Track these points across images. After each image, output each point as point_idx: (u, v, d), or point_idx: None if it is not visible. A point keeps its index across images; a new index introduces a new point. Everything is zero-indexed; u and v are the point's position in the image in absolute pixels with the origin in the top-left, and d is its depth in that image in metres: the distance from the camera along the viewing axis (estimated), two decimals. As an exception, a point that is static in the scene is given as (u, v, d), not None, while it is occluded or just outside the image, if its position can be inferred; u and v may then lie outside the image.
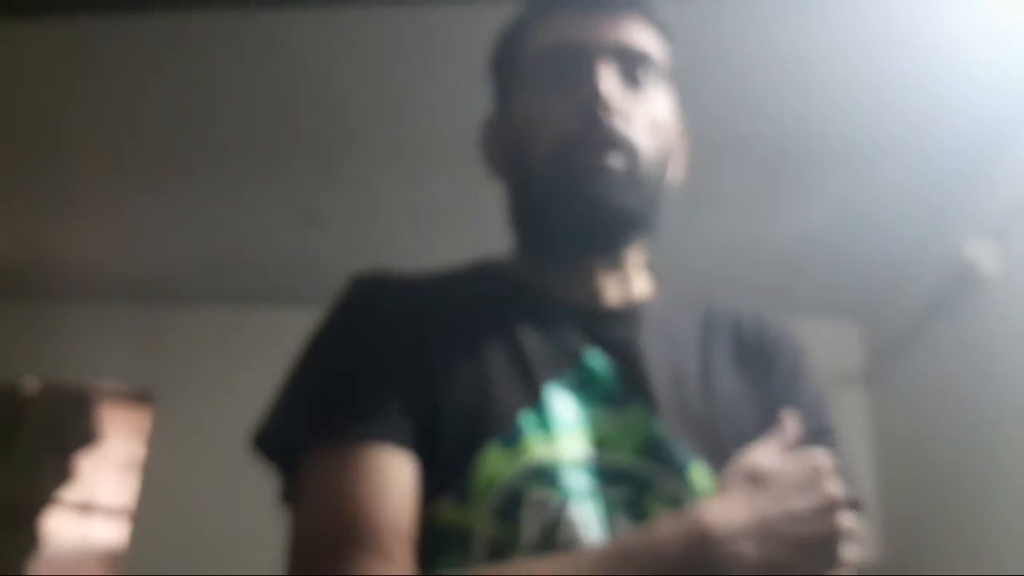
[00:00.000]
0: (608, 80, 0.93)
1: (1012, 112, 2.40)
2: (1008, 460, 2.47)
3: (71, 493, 3.87)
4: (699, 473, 0.86)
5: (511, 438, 0.84)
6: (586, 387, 0.90)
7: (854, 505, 0.82)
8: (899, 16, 2.12)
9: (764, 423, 0.92)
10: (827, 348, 3.24)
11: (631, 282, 1.01)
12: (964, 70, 2.27)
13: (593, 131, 0.91)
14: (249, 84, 2.53)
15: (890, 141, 2.57)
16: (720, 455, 0.88)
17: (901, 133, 2.53)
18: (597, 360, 0.92)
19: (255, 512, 0.94)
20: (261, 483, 0.93)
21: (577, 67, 0.94)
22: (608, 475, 0.85)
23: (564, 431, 0.86)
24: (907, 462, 3.19)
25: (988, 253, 2.57)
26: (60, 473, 3.84)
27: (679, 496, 0.85)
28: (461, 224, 2.37)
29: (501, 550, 0.80)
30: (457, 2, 1.75)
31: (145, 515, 3.53)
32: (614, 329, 0.95)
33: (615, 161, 0.91)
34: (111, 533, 3.82)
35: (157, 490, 3.54)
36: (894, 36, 2.19)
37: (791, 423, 0.89)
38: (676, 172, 1.02)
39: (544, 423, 0.86)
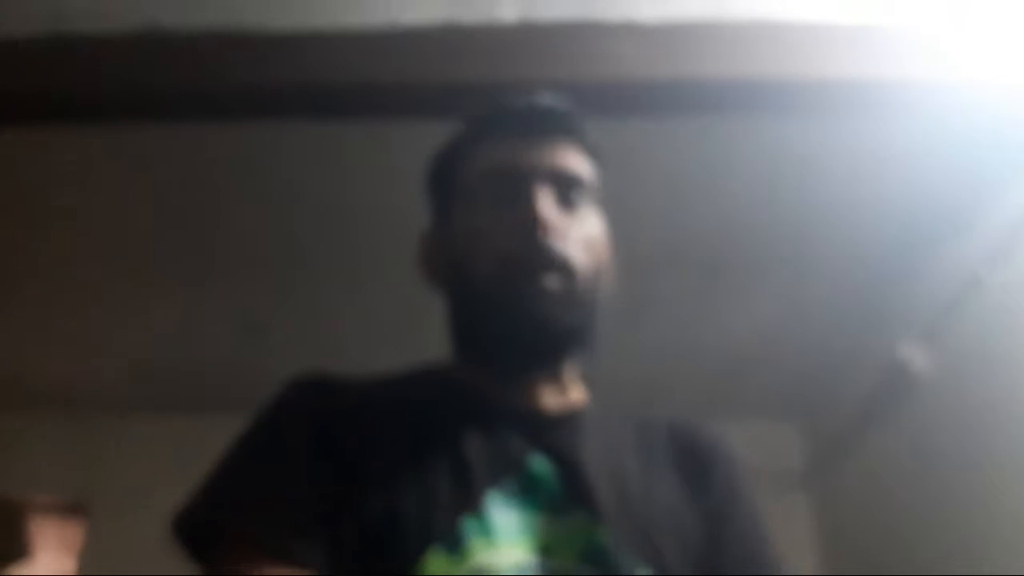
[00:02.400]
0: (545, 202, 0.97)
1: (938, 215, 2.49)
2: (950, 554, 2.48)
3: (-3, 613, 3.71)
4: None
5: (453, 545, 0.84)
6: (529, 493, 0.90)
7: None
8: (829, 126, 2.20)
9: (704, 533, 0.94)
10: (766, 451, 3.30)
11: (568, 392, 1.03)
12: (890, 176, 2.36)
13: (532, 250, 0.95)
14: (191, 192, 2.52)
15: (823, 245, 2.64)
16: (661, 563, 0.89)
17: (833, 237, 2.61)
18: (541, 466, 0.93)
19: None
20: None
21: (516, 189, 0.98)
22: None
23: (507, 538, 0.86)
24: (848, 563, 3.19)
25: (920, 354, 2.63)
26: (-15, 591, 3.68)
27: None
28: (406, 332, 2.38)
29: None
30: (403, 119, 1.80)
31: (74, 635, 3.39)
32: (555, 435, 0.97)
33: (552, 282, 0.95)
34: (38, 655, 3.66)
35: (88, 608, 3.41)
36: (822, 146, 2.28)
37: None
38: (607, 286, 1.06)
39: (486, 529, 0.86)
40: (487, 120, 1.05)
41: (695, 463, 1.01)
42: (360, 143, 2.27)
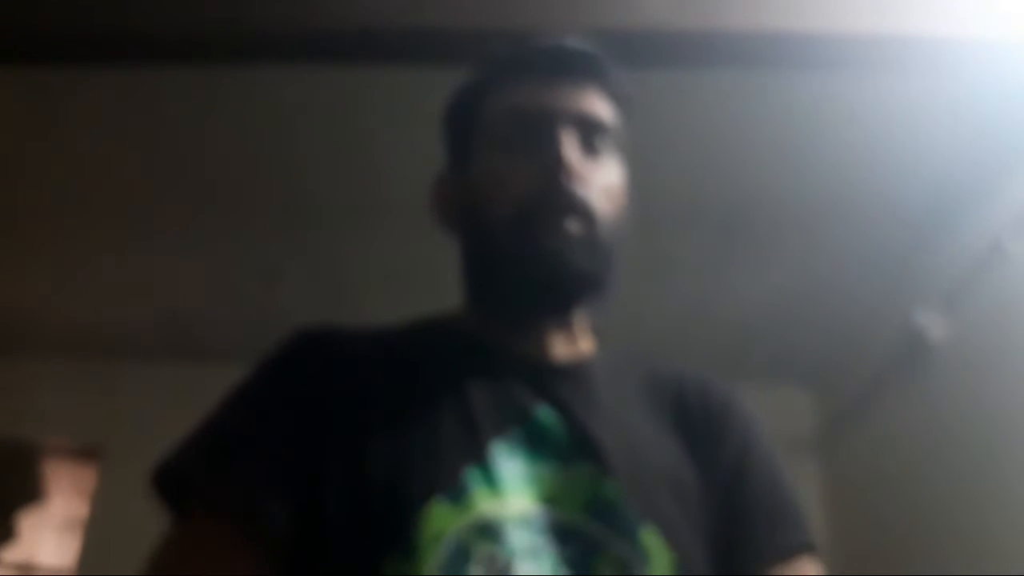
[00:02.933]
0: (569, 146, 0.95)
1: (962, 182, 2.46)
2: (960, 526, 2.49)
3: (11, 553, 3.77)
4: (650, 539, 0.86)
5: (457, 494, 0.84)
6: (535, 443, 0.90)
7: None
8: (851, 88, 2.18)
9: (714, 488, 0.93)
10: (779, 414, 3.28)
11: (577, 342, 1.02)
12: (912, 140, 2.33)
13: (554, 195, 0.93)
14: (211, 140, 2.53)
15: (842, 209, 2.62)
16: (668, 518, 0.88)
17: (853, 201, 2.59)
18: (548, 416, 0.92)
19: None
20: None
21: (540, 132, 0.96)
22: (556, 533, 0.85)
23: (511, 488, 0.86)
24: (858, 528, 3.20)
25: (936, 321, 2.61)
26: (1, 532, 3.74)
27: (629, 561, 0.84)
28: (421, 280, 2.38)
29: None
30: (419, 64, 1.77)
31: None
32: (564, 385, 0.96)
33: (573, 225, 0.93)
34: (52, 595, 3.73)
35: (99, 550, 3.45)
36: (844, 106, 2.25)
37: None
38: (623, 236, 1.03)
39: (491, 479, 0.85)
40: (513, 59, 1.02)
41: (707, 418, 0.99)
42: (381, 88, 2.26)
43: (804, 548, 0.97)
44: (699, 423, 0.99)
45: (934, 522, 2.64)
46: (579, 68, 1.00)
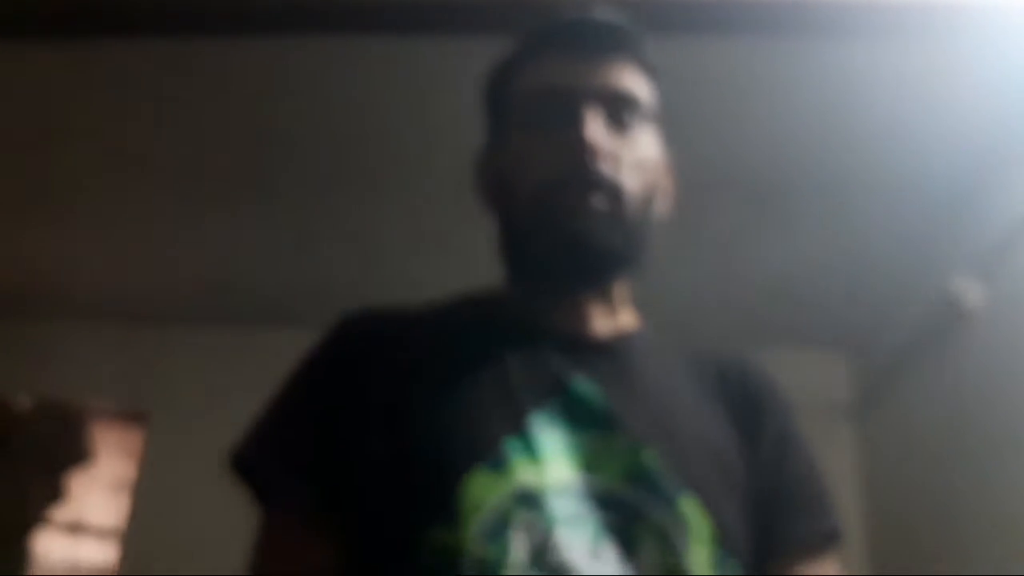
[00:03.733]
0: (594, 125, 0.96)
1: (998, 148, 2.44)
2: (994, 494, 2.49)
3: (61, 513, 3.85)
4: (690, 507, 0.87)
5: (497, 464, 0.86)
6: (574, 413, 0.91)
7: None
8: (884, 55, 2.16)
9: (751, 474, 0.95)
10: (814, 379, 3.30)
11: (618, 315, 1.04)
12: (950, 105, 2.31)
13: (578, 174, 0.95)
14: (247, 110, 2.56)
15: (877, 176, 2.60)
16: (705, 491, 0.89)
17: (888, 168, 2.57)
18: (586, 387, 0.93)
19: (246, 536, 0.97)
20: (252, 508, 0.97)
21: (564, 111, 0.97)
22: (597, 500, 0.86)
23: (550, 457, 0.87)
24: (893, 494, 3.21)
25: (974, 289, 2.60)
26: (50, 492, 3.81)
27: (669, 529, 0.86)
28: (457, 251, 2.40)
29: (490, 572, 0.81)
30: (454, 33, 1.78)
31: (135, 536, 3.52)
32: (603, 358, 0.97)
33: (598, 202, 0.94)
34: (101, 554, 3.79)
35: (148, 511, 3.53)
36: (880, 72, 2.23)
37: None
38: (663, 208, 1.05)
39: (530, 449, 0.87)
40: (540, 36, 1.03)
41: (745, 402, 1.00)
42: (417, 59, 2.27)
43: (834, 538, 0.99)
44: (739, 405, 1.00)
45: (968, 490, 2.63)
46: (607, 42, 1.00)
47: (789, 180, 2.66)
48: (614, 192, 0.95)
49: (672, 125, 1.08)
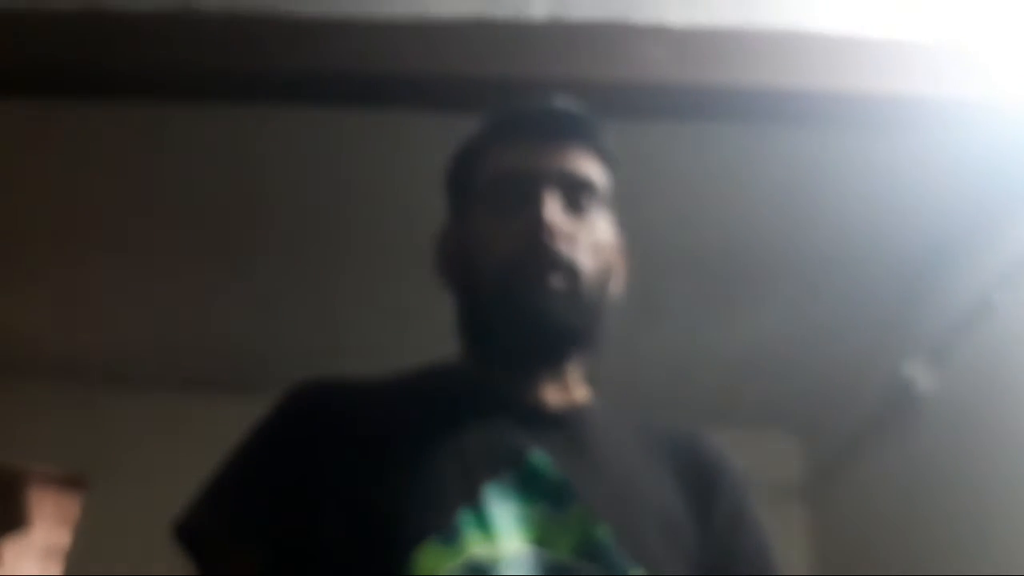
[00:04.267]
0: (552, 207, 0.99)
1: (952, 236, 2.49)
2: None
3: (-9, 580, 3.72)
4: None
5: (449, 536, 0.85)
6: (528, 487, 0.91)
7: None
8: (845, 143, 2.20)
9: (704, 547, 0.96)
10: (767, 461, 3.30)
11: (572, 390, 1.05)
12: (905, 193, 2.36)
13: (536, 253, 0.97)
14: (210, 172, 2.54)
15: (833, 261, 2.64)
16: (657, 562, 0.90)
17: (844, 253, 2.61)
18: (540, 460, 0.94)
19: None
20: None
21: (524, 193, 1.00)
22: (548, 573, 0.86)
23: (503, 529, 0.87)
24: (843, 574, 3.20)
25: (925, 373, 2.63)
26: (-19, 559, 3.69)
27: None
28: (416, 323, 2.39)
29: None
30: (422, 110, 1.80)
31: (67, 606, 3.40)
32: (557, 431, 0.98)
33: (556, 281, 0.97)
34: (30, 624, 3.67)
35: (82, 580, 3.42)
36: (838, 160, 2.28)
37: None
38: (617, 289, 1.07)
39: (483, 522, 0.87)
40: (502, 122, 1.07)
41: (699, 477, 1.02)
42: (386, 134, 2.28)
43: None
44: (691, 478, 1.01)
45: (920, 571, 2.63)
46: (566, 129, 1.04)
47: (745, 263, 2.69)
48: (571, 271, 0.98)
49: (634, 206, 1.11)
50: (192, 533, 0.93)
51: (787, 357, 3.11)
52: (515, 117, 1.06)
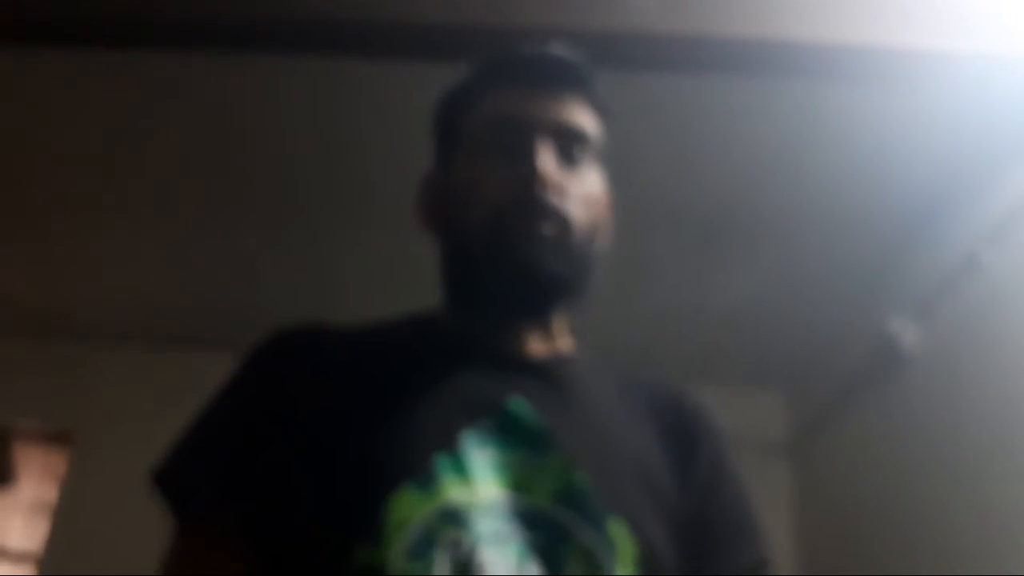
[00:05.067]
0: (545, 157, 0.97)
1: (938, 192, 2.49)
2: (928, 534, 2.51)
3: (-22, 536, 3.74)
4: (617, 530, 0.88)
5: (425, 481, 0.85)
6: (506, 433, 0.91)
7: None
8: (828, 96, 2.19)
9: (682, 499, 0.96)
10: (752, 419, 3.32)
11: (555, 340, 1.04)
12: (891, 148, 2.35)
13: (527, 202, 0.96)
14: (193, 126, 2.51)
15: (819, 215, 2.64)
16: (636, 510, 0.90)
17: (830, 209, 2.60)
18: (521, 407, 0.94)
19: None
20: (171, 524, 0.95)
21: (517, 141, 0.99)
22: (524, 519, 0.87)
23: (480, 475, 0.87)
24: (826, 533, 3.23)
25: (910, 330, 2.64)
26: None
27: (595, 550, 0.86)
28: (401, 275, 2.38)
29: None
30: (407, 59, 1.78)
31: (53, 561, 3.41)
32: (539, 379, 0.98)
33: (547, 229, 0.96)
34: (18, 579, 3.70)
35: (68, 534, 3.43)
36: (824, 114, 2.26)
37: None
38: (603, 244, 1.06)
39: (460, 467, 0.87)
40: (496, 67, 1.05)
41: (680, 429, 1.02)
42: (367, 82, 2.26)
43: (762, 567, 1.00)
44: (673, 430, 1.01)
45: (904, 530, 2.66)
46: (561, 78, 1.02)
47: (731, 219, 2.68)
48: (562, 221, 0.97)
49: (620, 160, 1.09)
50: (166, 477, 0.93)
51: (773, 314, 3.11)
52: (510, 62, 1.04)
